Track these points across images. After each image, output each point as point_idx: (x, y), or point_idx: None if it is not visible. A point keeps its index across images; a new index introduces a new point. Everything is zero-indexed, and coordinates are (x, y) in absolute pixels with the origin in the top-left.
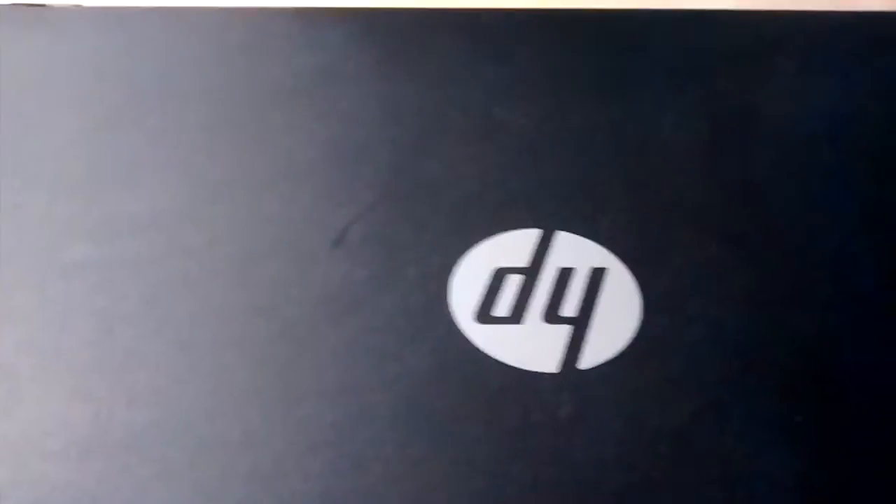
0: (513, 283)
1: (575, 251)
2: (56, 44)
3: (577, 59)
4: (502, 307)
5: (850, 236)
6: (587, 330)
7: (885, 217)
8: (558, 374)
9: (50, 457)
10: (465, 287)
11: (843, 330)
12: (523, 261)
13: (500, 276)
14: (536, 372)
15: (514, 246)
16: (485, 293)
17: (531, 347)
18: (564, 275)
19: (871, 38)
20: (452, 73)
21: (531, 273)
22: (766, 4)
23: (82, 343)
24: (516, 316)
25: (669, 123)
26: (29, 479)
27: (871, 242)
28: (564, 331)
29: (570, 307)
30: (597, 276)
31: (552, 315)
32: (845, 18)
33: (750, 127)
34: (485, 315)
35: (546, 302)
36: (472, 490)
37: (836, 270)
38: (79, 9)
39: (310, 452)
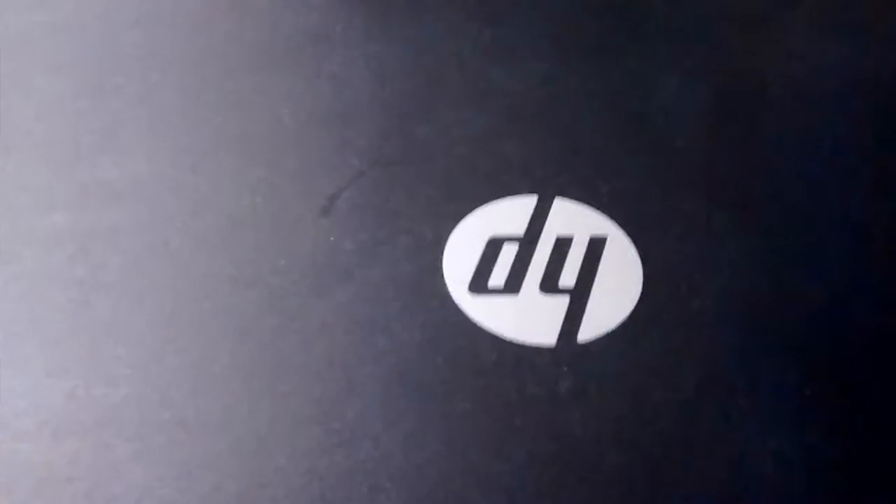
0: (509, 253)
1: (573, 219)
2: (34, 5)
3: (577, 19)
4: (498, 278)
5: (857, 202)
6: (586, 301)
7: (894, 182)
8: (556, 347)
9: (23, 436)
10: (458, 257)
11: (851, 297)
12: (520, 229)
13: (495, 245)
14: (533, 345)
15: (510, 213)
16: (479, 263)
17: (528, 319)
18: (562, 243)
19: (880, 1)
20: (446, 35)
21: (528, 242)
22: None
23: (58, 315)
24: (512, 286)
25: (671, 86)
26: (0, 459)
27: (878, 207)
28: (562, 302)
29: (568, 277)
30: (596, 244)
31: (550, 285)
32: None
33: (754, 90)
34: (480, 286)
35: (543, 272)
36: (465, 467)
37: (842, 236)
38: None
39: (294, 428)
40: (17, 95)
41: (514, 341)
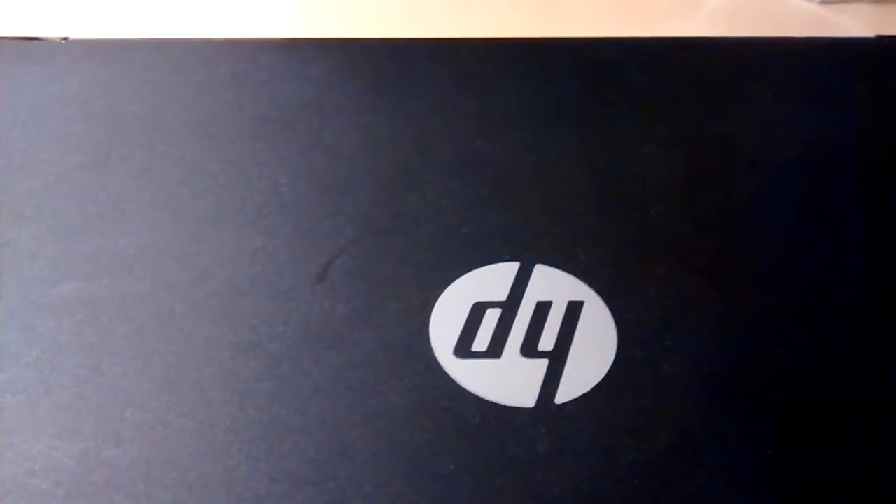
0: (492, 318)
1: (552, 284)
2: (44, 78)
3: (556, 89)
4: (481, 342)
5: (826, 268)
6: (564, 363)
7: (861, 247)
8: (535, 408)
9: (37, 496)
10: (444, 322)
11: (816, 362)
12: (502, 294)
13: (479, 310)
14: (514, 406)
15: (493, 279)
16: (464, 328)
17: (509, 382)
18: (542, 308)
19: (848, 65)
20: (434, 105)
21: (509, 307)
22: (743, 31)
23: (70, 380)
24: (495, 350)
25: (646, 154)
26: None
27: (845, 273)
28: (541, 365)
29: (547, 341)
30: (573, 309)
31: (530, 349)
32: (822, 44)
33: (726, 156)
34: (464, 350)
35: (524, 336)
36: None
37: (810, 302)
38: (67, 42)
39: (292, 488)
40: (27, 167)
41: (496, 403)
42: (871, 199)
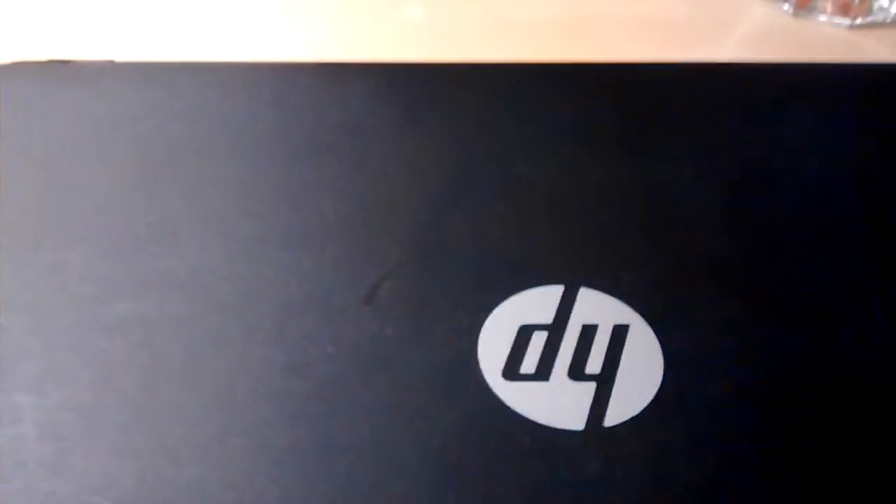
0: (538, 340)
1: (598, 308)
2: (89, 100)
3: (597, 112)
4: (529, 364)
5: (868, 291)
6: (612, 386)
7: None
8: (584, 430)
9: None
10: (492, 344)
11: (868, 386)
12: (548, 317)
13: (525, 332)
14: (563, 429)
15: (539, 303)
16: (511, 350)
17: (558, 404)
18: (588, 331)
19: (883, 89)
20: (475, 129)
21: (555, 330)
22: (772, 56)
23: (125, 400)
24: (542, 373)
25: (688, 177)
26: None
27: (888, 297)
28: (589, 387)
29: (594, 364)
30: (619, 332)
31: (577, 372)
32: (855, 69)
33: (767, 180)
34: (512, 372)
35: (570, 359)
36: None
37: (859, 326)
38: (111, 64)
39: None
40: (77, 189)
41: (546, 425)
42: None
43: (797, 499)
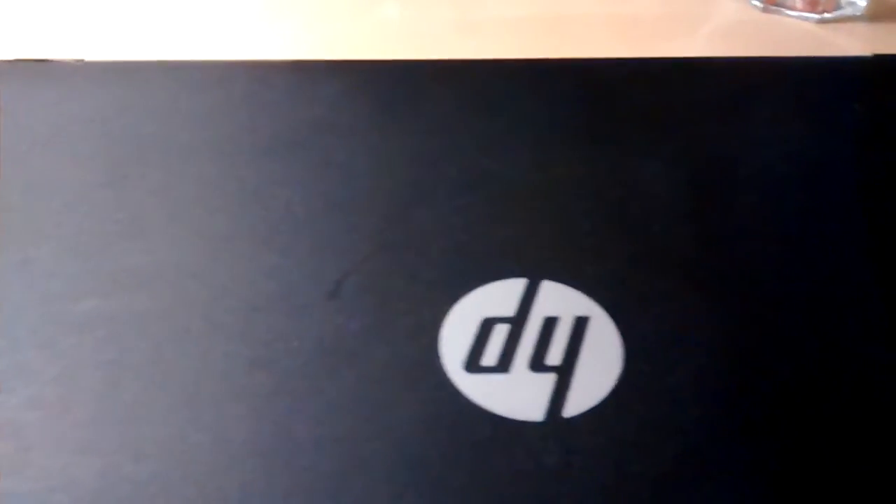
0: (500, 333)
1: (560, 300)
2: (59, 99)
3: (563, 108)
4: (490, 357)
5: (827, 282)
6: (571, 378)
7: (861, 263)
8: (544, 422)
9: None
10: (454, 337)
11: (823, 377)
12: (510, 310)
13: (487, 325)
14: (523, 421)
15: (502, 295)
16: (473, 343)
17: (518, 396)
18: (549, 323)
19: (850, 83)
20: (442, 125)
21: (517, 322)
22: (741, 52)
23: (89, 397)
24: (503, 365)
25: (652, 172)
26: None
27: (851, 290)
28: (549, 379)
29: (554, 356)
30: (580, 324)
31: (538, 364)
32: (820, 64)
33: (727, 174)
34: (473, 365)
35: (532, 351)
36: None
37: (813, 316)
38: (81, 63)
39: (307, 502)
40: (45, 187)
41: (506, 417)
42: (870, 216)
43: (754, 489)
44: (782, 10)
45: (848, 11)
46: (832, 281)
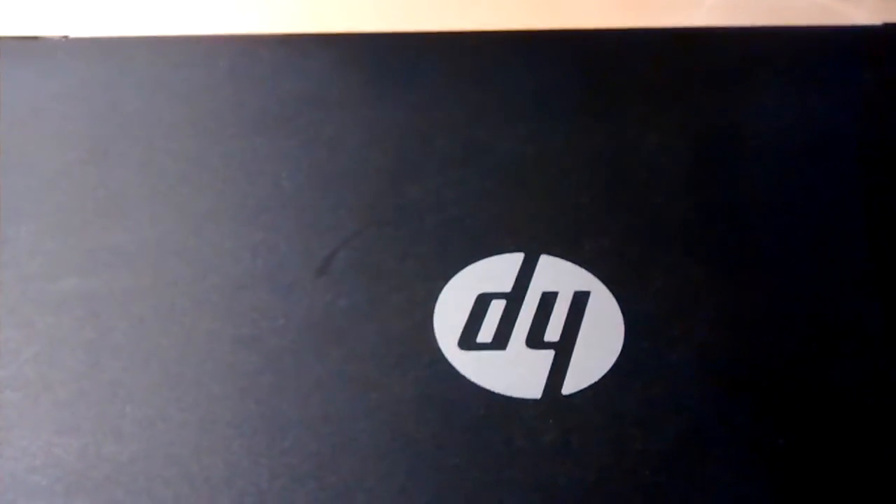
0: (496, 309)
1: (558, 275)
2: (44, 75)
3: (560, 80)
4: (486, 333)
5: (834, 256)
6: (570, 355)
7: (870, 236)
8: (541, 399)
9: (37, 492)
10: (448, 314)
11: (826, 352)
12: (507, 286)
13: (483, 301)
14: (520, 398)
15: (498, 271)
16: (468, 319)
17: (515, 374)
18: (547, 299)
19: (853, 53)
20: (436, 97)
21: (514, 298)
22: (748, 21)
23: (69, 376)
24: (500, 342)
25: (652, 144)
26: None
27: (854, 262)
28: (547, 356)
29: (553, 332)
30: (580, 299)
31: (535, 340)
32: (827, 33)
33: (732, 145)
34: (469, 342)
35: (529, 327)
36: None
37: (819, 291)
38: (66, 40)
39: (294, 483)
40: (27, 164)
41: (502, 394)
42: (876, 186)
43: (757, 467)
44: None
45: None
46: (835, 254)
